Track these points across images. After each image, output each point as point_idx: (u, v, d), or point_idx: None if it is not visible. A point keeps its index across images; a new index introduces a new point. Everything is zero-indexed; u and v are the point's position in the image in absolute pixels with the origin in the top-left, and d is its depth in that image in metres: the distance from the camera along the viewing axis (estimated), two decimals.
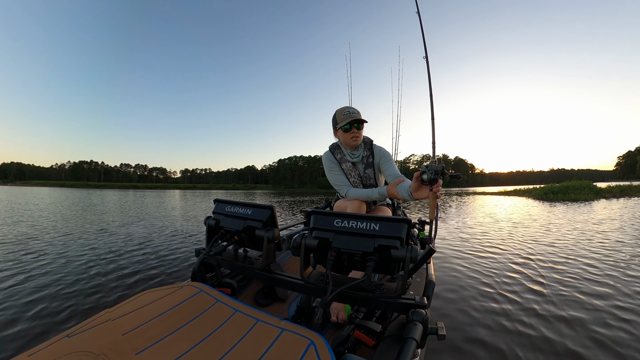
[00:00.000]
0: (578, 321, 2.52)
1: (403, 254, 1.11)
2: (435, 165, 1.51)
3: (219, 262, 1.70)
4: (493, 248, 5.24)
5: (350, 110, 2.15)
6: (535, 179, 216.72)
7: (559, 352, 2.11)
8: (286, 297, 1.92)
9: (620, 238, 5.99)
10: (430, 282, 1.53)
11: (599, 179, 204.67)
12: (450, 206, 16.02)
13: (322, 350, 0.92)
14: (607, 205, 14.34)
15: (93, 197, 23.61)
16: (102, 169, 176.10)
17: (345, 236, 1.21)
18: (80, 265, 3.95)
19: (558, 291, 3.16)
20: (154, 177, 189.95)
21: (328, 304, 1.13)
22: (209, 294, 1.26)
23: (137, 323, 1.03)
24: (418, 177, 1.57)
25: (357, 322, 1.38)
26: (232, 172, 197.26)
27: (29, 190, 43.03)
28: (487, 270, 3.89)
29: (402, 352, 0.94)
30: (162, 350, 0.91)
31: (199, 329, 1.03)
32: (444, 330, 1.09)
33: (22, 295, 2.92)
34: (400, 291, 1.19)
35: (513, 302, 2.89)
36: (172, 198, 25.02)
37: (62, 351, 0.87)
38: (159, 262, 4.16)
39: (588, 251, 4.91)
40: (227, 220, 1.62)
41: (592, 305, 2.81)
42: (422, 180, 1.56)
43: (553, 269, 3.94)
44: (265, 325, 1.06)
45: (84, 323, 1.02)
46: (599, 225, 7.82)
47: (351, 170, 2.27)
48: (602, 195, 20.89)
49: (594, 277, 3.61)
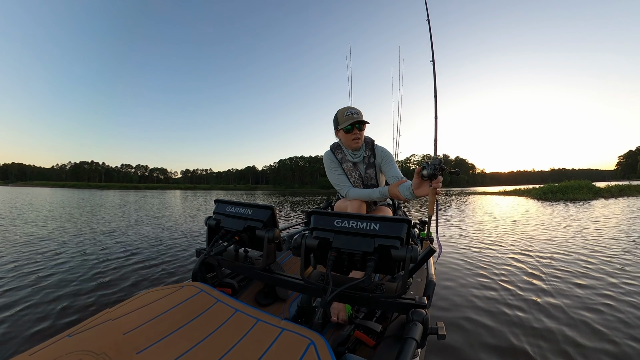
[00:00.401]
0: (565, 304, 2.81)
1: (403, 254, 1.12)
2: (435, 160, 1.55)
3: (219, 262, 1.71)
4: (491, 243, 5.44)
5: (352, 110, 2.13)
6: (536, 179, 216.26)
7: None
8: (287, 297, 1.92)
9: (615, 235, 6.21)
10: (430, 282, 1.53)
11: (600, 178, 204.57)
12: (450, 205, 16.07)
13: (322, 350, 0.92)
14: (606, 204, 14.51)
15: (96, 198, 23.62)
16: (103, 170, 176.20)
17: (346, 236, 1.21)
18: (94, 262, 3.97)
19: (554, 280, 3.49)
20: (154, 177, 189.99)
21: (328, 304, 1.13)
22: (210, 294, 1.27)
23: (138, 323, 1.04)
24: (419, 172, 1.60)
25: (357, 322, 1.38)
26: (233, 172, 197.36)
27: (31, 190, 43.06)
28: (484, 262, 4.12)
29: (402, 352, 0.94)
30: (162, 350, 0.91)
31: (200, 328, 1.03)
32: (444, 330, 1.09)
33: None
34: (401, 291, 1.19)
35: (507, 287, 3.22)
36: (172, 199, 25.02)
37: (63, 350, 0.88)
38: (159, 262, 4.17)
39: (581, 246, 5.21)
40: (227, 220, 1.63)
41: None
42: (423, 176, 1.59)
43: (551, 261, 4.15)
44: (265, 325, 1.06)
45: (84, 322, 1.03)
46: (594, 223, 8.06)
47: (352, 170, 2.26)
48: (600, 195, 21.13)
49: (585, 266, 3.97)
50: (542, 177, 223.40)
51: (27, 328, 2.32)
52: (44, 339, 0.95)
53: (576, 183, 23.29)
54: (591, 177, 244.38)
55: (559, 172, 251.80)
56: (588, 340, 2.22)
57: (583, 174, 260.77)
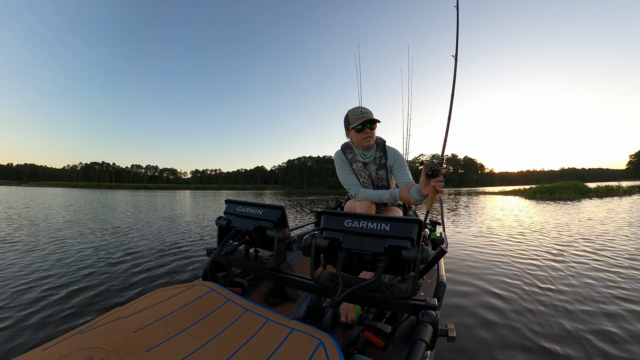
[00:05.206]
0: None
1: (414, 255, 1.10)
2: (433, 162, 1.56)
3: (230, 261, 1.71)
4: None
5: (362, 110, 2.14)
6: (546, 179, 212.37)
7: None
8: (296, 297, 1.92)
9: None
10: (441, 283, 1.51)
11: (610, 178, 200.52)
12: (446, 204, 16.24)
13: (331, 351, 0.91)
14: (587, 203, 15.38)
15: (112, 196, 23.95)
16: (113, 170, 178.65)
17: (356, 236, 1.21)
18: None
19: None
20: (164, 177, 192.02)
21: (338, 304, 1.12)
22: (220, 293, 1.27)
23: (148, 321, 1.05)
24: (424, 170, 1.60)
25: (366, 323, 1.37)
26: (242, 172, 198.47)
27: (45, 191, 43.87)
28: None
29: (411, 354, 0.94)
30: (172, 348, 0.92)
31: (210, 327, 1.04)
32: (454, 332, 1.08)
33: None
34: (411, 292, 1.18)
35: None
36: (183, 198, 25.27)
37: (74, 347, 0.89)
38: (170, 260, 4.21)
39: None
40: (238, 220, 1.64)
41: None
42: (426, 174, 1.59)
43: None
44: (275, 324, 1.06)
45: (96, 320, 1.04)
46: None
47: (361, 171, 2.25)
48: (587, 195, 22.04)
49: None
50: (552, 177, 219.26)
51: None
52: (57, 335, 0.96)
53: (565, 184, 25.18)
54: (601, 176, 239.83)
55: (568, 171, 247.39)
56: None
57: (593, 174, 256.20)
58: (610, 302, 2.80)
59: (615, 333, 2.26)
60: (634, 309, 2.65)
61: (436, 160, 1.58)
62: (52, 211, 11.43)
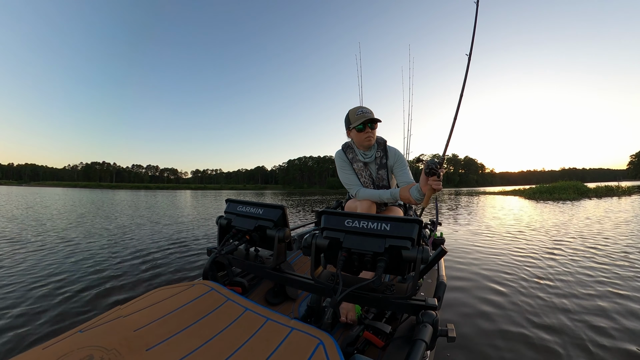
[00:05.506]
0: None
1: (414, 255, 1.10)
2: (433, 161, 1.60)
3: (230, 261, 1.72)
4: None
5: (363, 109, 2.14)
6: (546, 179, 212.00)
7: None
8: (296, 297, 1.92)
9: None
10: (441, 283, 1.51)
11: (611, 178, 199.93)
12: (447, 205, 16.20)
13: (331, 350, 0.91)
14: (587, 203, 15.48)
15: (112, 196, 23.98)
16: (114, 170, 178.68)
17: (356, 236, 1.21)
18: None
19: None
20: (165, 177, 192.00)
21: (338, 304, 1.12)
22: (220, 293, 1.27)
23: (148, 320, 1.05)
24: (424, 169, 1.64)
25: (366, 322, 1.38)
26: (243, 172, 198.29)
27: (47, 190, 43.92)
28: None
29: (411, 354, 0.94)
30: (172, 347, 0.92)
31: (210, 326, 1.04)
32: (454, 332, 1.08)
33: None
34: (411, 292, 1.18)
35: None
36: (183, 198, 25.29)
37: (74, 345, 0.89)
38: (170, 260, 4.21)
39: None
40: (238, 219, 1.64)
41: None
42: (425, 173, 1.62)
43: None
44: (275, 324, 1.06)
45: (96, 319, 1.04)
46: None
47: (362, 170, 2.25)
48: (586, 195, 22.18)
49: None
50: (553, 177, 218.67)
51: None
52: (57, 333, 0.96)
53: (564, 184, 25.36)
54: (602, 176, 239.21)
55: (569, 171, 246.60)
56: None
57: (594, 173, 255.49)
58: (603, 295, 3.00)
59: (605, 322, 2.40)
60: (616, 292, 3.01)
61: (437, 160, 1.59)
62: (53, 211, 11.45)
